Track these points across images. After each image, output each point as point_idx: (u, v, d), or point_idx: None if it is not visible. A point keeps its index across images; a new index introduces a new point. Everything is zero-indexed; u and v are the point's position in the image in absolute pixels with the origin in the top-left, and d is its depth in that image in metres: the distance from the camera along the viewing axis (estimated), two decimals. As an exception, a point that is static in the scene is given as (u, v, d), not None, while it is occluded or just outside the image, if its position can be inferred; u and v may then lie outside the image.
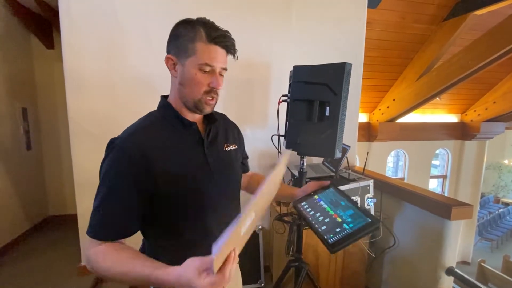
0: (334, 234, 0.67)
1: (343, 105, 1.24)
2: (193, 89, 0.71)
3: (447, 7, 3.21)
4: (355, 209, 0.71)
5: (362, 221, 0.66)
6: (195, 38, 0.68)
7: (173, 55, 0.72)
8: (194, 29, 0.69)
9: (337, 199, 0.77)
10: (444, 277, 1.46)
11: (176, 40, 0.71)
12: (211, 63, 0.69)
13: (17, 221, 2.71)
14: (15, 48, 2.76)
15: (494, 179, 9.59)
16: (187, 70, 0.70)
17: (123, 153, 0.66)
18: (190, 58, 0.69)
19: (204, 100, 0.72)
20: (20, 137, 2.79)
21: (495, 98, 4.58)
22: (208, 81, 0.71)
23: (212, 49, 0.69)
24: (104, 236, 0.65)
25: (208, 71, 0.70)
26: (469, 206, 1.38)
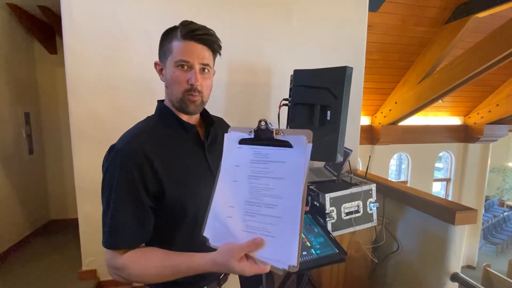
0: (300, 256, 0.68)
1: (344, 109, 1.23)
2: (174, 88, 0.71)
3: (448, 10, 3.21)
4: (327, 238, 0.73)
5: (329, 250, 0.69)
6: (172, 38, 0.70)
7: (159, 60, 0.74)
8: (171, 31, 0.71)
9: (312, 226, 0.79)
10: (449, 283, 1.43)
11: (160, 45, 0.74)
12: (186, 58, 0.68)
13: (18, 225, 2.71)
14: (18, 53, 2.78)
15: (499, 182, 9.50)
16: (168, 70, 0.71)
17: (127, 158, 0.65)
18: (168, 58, 0.70)
19: (187, 98, 0.70)
20: (22, 141, 2.81)
21: (498, 101, 4.55)
22: (186, 78, 0.69)
23: (187, 45, 0.68)
24: (126, 245, 0.64)
25: (186, 68, 0.69)
26: (474, 210, 1.36)
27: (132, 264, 0.63)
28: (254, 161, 0.56)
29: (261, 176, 0.55)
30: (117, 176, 0.64)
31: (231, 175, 0.60)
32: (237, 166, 0.59)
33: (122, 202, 0.64)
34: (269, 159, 0.55)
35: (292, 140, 0.53)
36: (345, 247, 1.69)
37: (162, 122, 0.75)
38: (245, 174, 0.57)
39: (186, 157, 0.73)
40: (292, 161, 0.52)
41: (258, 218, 0.53)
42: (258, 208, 0.54)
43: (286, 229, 0.50)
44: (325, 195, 1.41)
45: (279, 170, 0.53)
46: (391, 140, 4.57)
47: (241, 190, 0.57)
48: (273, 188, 0.53)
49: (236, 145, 0.60)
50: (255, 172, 0.56)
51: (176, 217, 0.71)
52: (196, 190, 0.72)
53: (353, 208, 1.47)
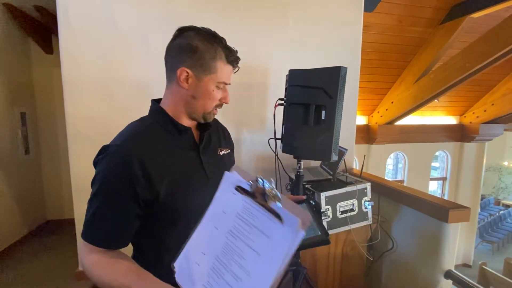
0: None
1: (339, 108, 1.24)
2: (207, 103, 0.75)
3: (443, 10, 3.24)
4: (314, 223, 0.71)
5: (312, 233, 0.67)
6: (216, 57, 0.72)
7: (189, 68, 0.71)
8: (213, 47, 0.72)
9: None
10: (443, 281, 1.45)
11: (193, 54, 0.70)
12: (228, 81, 0.77)
13: (15, 226, 2.70)
14: (14, 53, 2.77)
15: (494, 181, 9.57)
16: (204, 85, 0.73)
17: (118, 160, 0.65)
18: (210, 75, 0.72)
19: (213, 112, 0.77)
20: (19, 141, 2.80)
21: (494, 100, 4.59)
22: (220, 96, 0.76)
23: (229, 70, 0.76)
24: (103, 245, 0.65)
25: (222, 88, 0.76)
26: (467, 208, 1.38)
27: (95, 267, 0.64)
28: (240, 217, 0.49)
29: (239, 238, 0.48)
30: (106, 178, 0.65)
31: (215, 219, 0.54)
32: (224, 213, 0.53)
33: (106, 204, 0.65)
34: (254, 224, 0.47)
35: (285, 217, 0.43)
36: (341, 245, 1.70)
37: (156, 123, 0.75)
38: (227, 226, 0.51)
39: (180, 159, 0.73)
40: (276, 240, 0.43)
41: (221, 283, 0.47)
42: (224, 271, 0.47)
43: None
44: (320, 194, 1.42)
45: (260, 242, 0.45)
46: (388, 140, 4.60)
47: (217, 241, 0.51)
48: (246, 259, 0.45)
49: (231, 189, 0.54)
50: (237, 230, 0.49)
51: (169, 219, 0.71)
52: (190, 193, 0.72)
53: (348, 206, 1.48)
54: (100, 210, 0.65)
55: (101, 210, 0.65)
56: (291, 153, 1.37)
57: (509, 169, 9.44)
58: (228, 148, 0.89)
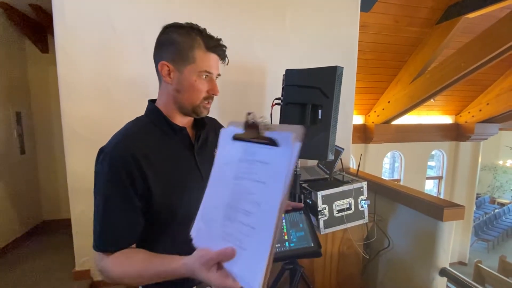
0: None
1: (335, 108, 1.25)
2: (192, 96, 0.73)
3: (439, 10, 3.26)
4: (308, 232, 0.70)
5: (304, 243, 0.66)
6: (193, 46, 0.70)
7: (169, 62, 0.71)
8: (190, 37, 0.70)
9: (298, 221, 0.76)
10: (438, 278, 1.47)
11: (171, 46, 0.71)
12: (210, 70, 0.72)
13: (11, 226, 2.68)
14: (9, 51, 2.75)
15: (490, 179, 9.68)
16: (185, 77, 0.71)
17: (115, 161, 0.65)
18: (189, 66, 0.71)
19: (202, 105, 0.75)
20: (14, 141, 2.77)
21: (489, 100, 4.64)
22: (207, 88, 0.73)
23: (211, 58, 0.72)
24: (113, 248, 0.66)
25: (206, 78, 0.73)
26: (461, 207, 1.39)
27: (115, 267, 0.63)
28: (242, 160, 0.50)
29: (244, 178, 0.49)
30: (106, 179, 0.65)
31: (220, 174, 0.55)
32: (227, 165, 0.54)
33: (111, 205, 0.65)
34: (255, 158, 0.48)
35: (279, 138, 0.45)
36: (337, 244, 1.71)
37: (151, 123, 0.75)
38: (232, 173, 0.51)
39: (174, 159, 0.73)
40: (276, 163, 0.45)
41: (236, 225, 0.48)
42: (237, 214, 0.48)
43: (258, 244, 0.44)
44: (317, 193, 1.43)
45: (262, 172, 0.46)
46: (385, 139, 4.63)
47: (225, 191, 0.52)
48: (254, 193, 0.47)
49: (229, 141, 0.54)
50: (240, 173, 0.50)
51: (164, 219, 0.71)
52: (185, 193, 0.72)
53: (344, 205, 1.49)
54: (104, 214, 0.65)
55: (108, 214, 0.66)
56: (288, 153, 1.38)
57: (504, 168, 9.54)
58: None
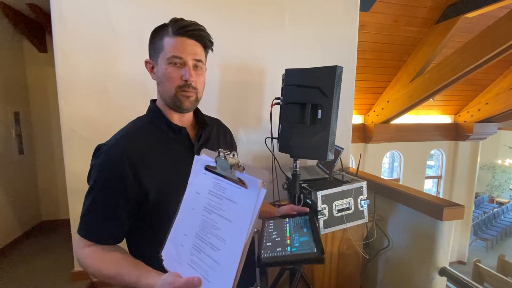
0: (271, 252, 0.66)
1: (335, 107, 1.25)
2: (167, 85, 0.70)
3: (438, 10, 3.26)
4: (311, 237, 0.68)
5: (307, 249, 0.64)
6: (163, 35, 0.69)
7: (150, 58, 0.74)
8: (162, 28, 0.70)
9: (303, 225, 0.75)
10: (438, 278, 1.47)
11: (150, 43, 0.73)
12: (179, 54, 0.68)
13: (9, 227, 2.67)
14: (7, 51, 2.73)
15: (488, 179, 9.70)
16: (160, 67, 0.70)
17: (109, 160, 0.66)
18: (160, 55, 0.70)
19: (180, 94, 0.70)
20: (12, 141, 2.76)
21: (488, 99, 4.64)
22: (180, 74, 0.69)
23: (179, 41, 0.68)
24: (94, 239, 0.66)
25: (179, 65, 0.69)
26: (461, 206, 1.39)
27: (91, 260, 0.64)
28: (212, 193, 0.53)
29: (213, 211, 0.52)
30: (98, 175, 0.66)
31: (191, 201, 0.57)
32: (198, 194, 0.56)
33: (97, 200, 0.66)
34: (224, 195, 0.51)
35: (248, 181, 0.47)
36: (337, 244, 1.71)
37: (151, 123, 0.75)
38: (202, 204, 0.54)
39: (172, 159, 0.73)
40: (243, 204, 0.47)
41: (202, 256, 0.50)
42: (204, 245, 0.51)
43: (222, 279, 0.46)
44: (317, 193, 1.43)
45: (230, 210, 0.49)
46: (384, 139, 4.63)
47: (195, 220, 0.54)
48: (221, 228, 0.49)
49: (202, 170, 0.57)
50: (210, 205, 0.53)
51: (161, 219, 0.71)
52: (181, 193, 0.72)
53: (344, 205, 1.49)
54: (92, 206, 0.66)
55: (93, 206, 0.66)
56: (288, 152, 1.38)
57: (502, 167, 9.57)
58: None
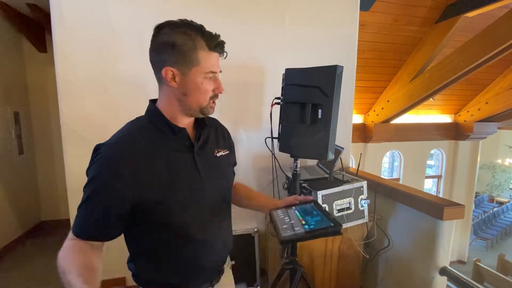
0: (291, 230, 0.69)
1: (335, 107, 1.24)
2: (200, 97, 0.72)
3: (438, 9, 3.26)
4: (324, 216, 0.71)
5: (324, 224, 0.67)
6: (196, 47, 0.68)
7: (172, 66, 0.68)
8: (191, 37, 0.68)
9: (312, 210, 0.78)
10: (438, 277, 1.47)
11: (171, 50, 0.68)
12: (215, 70, 0.72)
13: (10, 227, 2.67)
14: (7, 51, 2.73)
15: (488, 178, 9.71)
16: (191, 79, 0.70)
17: (107, 160, 0.66)
18: (194, 68, 0.69)
19: (209, 105, 0.74)
20: (12, 141, 2.76)
21: (488, 99, 4.64)
22: (212, 87, 0.73)
23: (214, 57, 0.71)
24: (79, 234, 0.67)
25: (211, 78, 0.73)
26: (461, 206, 1.39)
27: (61, 252, 0.65)
28: None
29: None
30: (94, 175, 0.66)
31: None
32: None
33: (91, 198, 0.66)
34: None
35: None
36: (337, 243, 1.71)
37: (151, 124, 0.74)
38: None
39: (172, 160, 0.72)
40: None
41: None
42: None
43: None
44: (317, 192, 1.43)
45: None
46: (384, 138, 4.63)
47: None
48: None
49: None
50: None
51: (162, 220, 0.70)
52: (183, 193, 0.72)
53: (344, 205, 1.49)
54: (85, 204, 0.67)
55: (86, 204, 0.66)
56: (288, 152, 1.38)
57: (502, 167, 9.58)
58: (227, 149, 0.88)
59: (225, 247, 0.85)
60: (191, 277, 0.78)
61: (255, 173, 2.04)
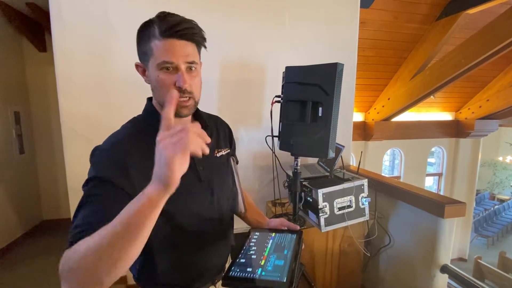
0: (241, 271, 0.61)
1: (336, 105, 1.24)
2: (161, 92, 0.65)
3: (439, 6, 3.24)
4: (288, 264, 0.63)
5: (277, 276, 0.59)
6: (149, 37, 0.63)
7: (140, 61, 0.68)
8: (148, 27, 0.64)
9: (286, 246, 0.70)
10: (439, 275, 1.47)
11: (138, 44, 0.67)
12: (169, 59, 0.62)
13: (11, 226, 2.68)
14: (7, 50, 2.73)
15: (489, 176, 9.69)
16: (151, 73, 0.65)
17: (104, 163, 0.64)
18: (150, 60, 0.64)
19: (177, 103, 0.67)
20: (13, 141, 2.76)
21: (489, 96, 4.63)
22: (173, 80, 0.64)
23: (168, 44, 0.62)
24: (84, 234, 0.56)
25: (171, 69, 0.63)
26: (462, 204, 1.39)
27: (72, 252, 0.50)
28: None
29: None
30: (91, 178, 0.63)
31: None
32: None
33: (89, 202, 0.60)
34: None
35: None
36: (338, 241, 1.71)
37: (147, 123, 0.72)
38: None
39: None
40: None
41: None
42: None
43: None
44: (318, 191, 1.42)
45: None
46: (385, 136, 4.62)
47: None
48: None
49: None
50: None
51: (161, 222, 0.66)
52: (181, 196, 0.68)
53: (345, 203, 1.49)
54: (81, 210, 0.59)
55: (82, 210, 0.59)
56: (288, 150, 1.37)
57: (503, 164, 9.56)
58: (228, 148, 0.87)
59: (226, 247, 0.85)
60: (193, 278, 0.77)
61: (255, 171, 2.04)
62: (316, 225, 1.49)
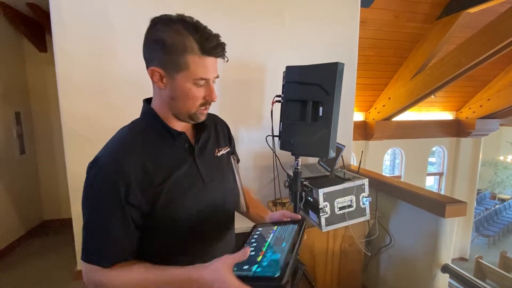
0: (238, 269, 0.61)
1: (336, 104, 1.24)
2: (187, 104, 0.66)
3: (440, 5, 3.23)
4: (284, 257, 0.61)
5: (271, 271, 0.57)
6: (186, 51, 0.61)
7: (159, 67, 0.63)
8: (182, 39, 0.61)
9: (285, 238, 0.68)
10: (440, 274, 1.47)
11: (160, 49, 0.62)
12: (206, 76, 0.64)
13: (12, 227, 2.68)
14: (7, 51, 2.73)
15: (490, 175, 9.68)
16: (179, 84, 0.64)
17: (106, 174, 0.62)
18: (182, 73, 0.63)
19: (199, 111, 0.69)
20: (14, 141, 2.77)
21: (489, 96, 4.62)
22: (203, 94, 0.67)
23: (206, 62, 0.63)
24: (112, 261, 0.62)
25: (202, 84, 0.66)
26: (463, 203, 1.39)
27: (114, 280, 0.60)
28: None
29: None
30: (100, 193, 0.62)
31: None
32: None
33: (107, 219, 0.62)
34: None
35: None
36: (339, 241, 1.71)
37: (148, 127, 0.70)
38: None
39: (174, 166, 0.69)
40: None
41: None
42: None
43: None
44: (318, 191, 1.42)
45: None
46: (385, 136, 4.61)
47: None
48: None
49: None
50: None
51: (167, 226, 0.69)
52: (186, 199, 0.70)
53: (346, 202, 1.48)
54: (102, 226, 0.62)
55: (103, 226, 0.61)
56: (289, 150, 1.37)
57: (504, 164, 9.55)
58: (228, 146, 0.86)
59: (228, 247, 0.85)
60: None
61: (256, 171, 2.04)
62: (316, 225, 1.49)
